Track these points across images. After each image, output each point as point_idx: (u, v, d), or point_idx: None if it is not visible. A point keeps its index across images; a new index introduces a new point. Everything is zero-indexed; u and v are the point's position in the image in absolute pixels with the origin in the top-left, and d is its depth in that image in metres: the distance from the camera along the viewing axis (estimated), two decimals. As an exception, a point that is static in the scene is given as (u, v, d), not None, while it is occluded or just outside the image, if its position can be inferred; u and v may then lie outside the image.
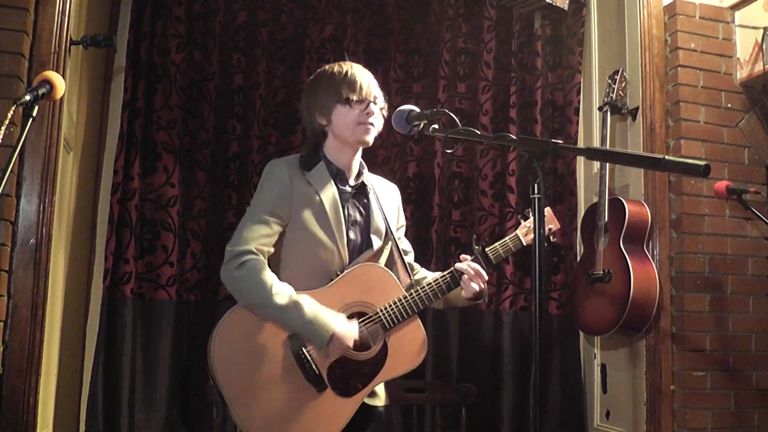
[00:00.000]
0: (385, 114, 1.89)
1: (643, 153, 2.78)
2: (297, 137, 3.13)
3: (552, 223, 2.06)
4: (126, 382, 2.77)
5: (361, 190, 1.93)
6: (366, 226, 1.90)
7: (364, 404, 1.81)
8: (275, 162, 1.89)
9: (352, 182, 1.92)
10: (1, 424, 2.05)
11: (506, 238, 1.99)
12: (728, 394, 2.73)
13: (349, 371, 1.77)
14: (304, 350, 1.75)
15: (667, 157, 1.22)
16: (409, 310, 1.82)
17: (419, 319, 1.86)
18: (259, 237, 1.78)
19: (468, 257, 1.91)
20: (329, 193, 1.85)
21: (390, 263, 1.95)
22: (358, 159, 1.94)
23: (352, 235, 1.87)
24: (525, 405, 3.04)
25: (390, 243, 1.94)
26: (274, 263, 1.85)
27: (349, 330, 1.76)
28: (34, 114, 1.51)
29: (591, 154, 1.46)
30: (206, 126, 3.05)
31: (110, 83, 3.05)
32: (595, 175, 3.10)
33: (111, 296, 2.81)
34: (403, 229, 2.09)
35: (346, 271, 1.82)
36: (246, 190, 3.06)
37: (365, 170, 1.96)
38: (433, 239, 3.14)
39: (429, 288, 1.86)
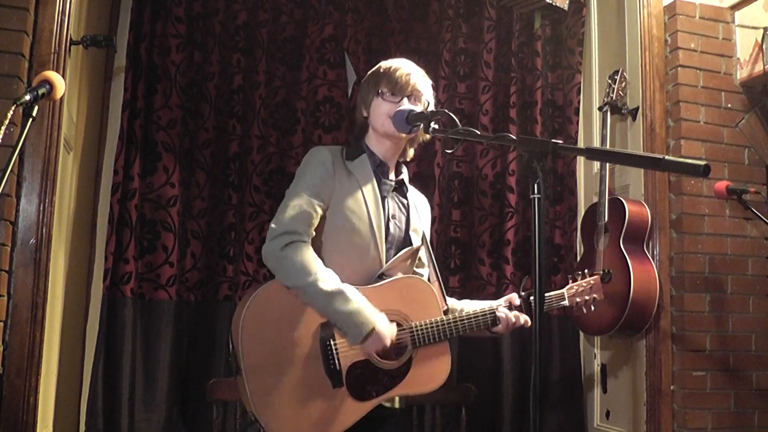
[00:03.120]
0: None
1: (643, 153, 2.77)
2: (297, 137, 3.13)
3: (597, 293, 2.06)
4: (126, 382, 2.76)
5: (400, 187, 1.94)
6: (406, 223, 1.91)
7: (379, 406, 1.80)
8: (318, 148, 1.91)
9: (392, 177, 1.93)
10: (1, 424, 2.05)
11: (552, 293, 2.02)
12: (728, 394, 2.73)
13: (369, 376, 1.77)
14: (332, 342, 1.74)
15: (667, 157, 1.22)
16: (442, 335, 1.82)
17: (449, 348, 1.85)
18: (304, 218, 1.78)
19: (515, 297, 1.93)
20: (369, 183, 1.86)
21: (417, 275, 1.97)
22: (396, 156, 1.95)
23: (392, 228, 1.88)
24: (525, 405, 3.04)
25: (421, 251, 1.95)
26: (315, 247, 1.83)
27: (388, 330, 1.76)
28: (34, 114, 1.51)
29: (591, 154, 1.46)
30: (206, 126, 3.05)
31: (110, 83, 3.05)
32: (595, 175, 3.10)
33: (111, 296, 2.81)
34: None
35: (393, 278, 1.83)
36: (246, 190, 3.06)
37: (404, 170, 1.98)
38: (433, 239, 3.14)
39: (467, 320, 1.86)
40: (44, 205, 2.18)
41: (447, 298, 1.96)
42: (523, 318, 1.91)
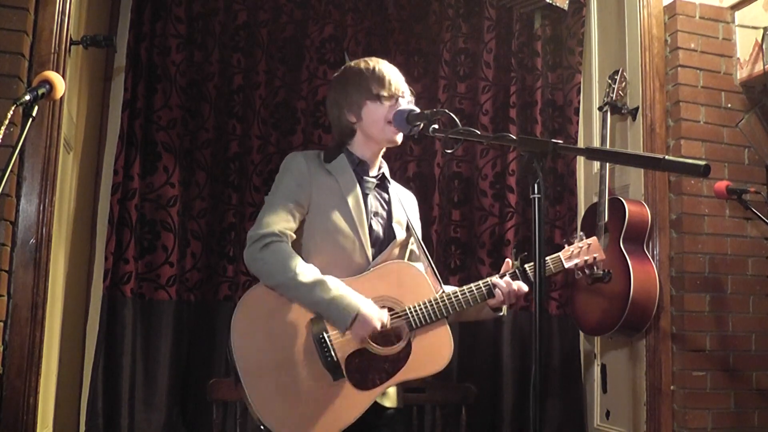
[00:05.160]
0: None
1: (643, 153, 2.77)
2: (297, 137, 3.13)
3: (597, 252, 1.96)
4: (126, 382, 2.77)
5: (381, 183, 1.93)
6: (388, 218, 1.89)
7: (375, 403, 1.78)
8: (292, 154, 1.90)
9: (373, 173, 1.92)
10: (1, 424, 2.04)
11: (548, 257, 1.90)
12: (728, 394, 2.72)
13: (369, 364, 1.75)
14: (326, 335, 1.73)
15: (667, 157, 1.22)
16: (438, 314, 1.79)
17: (448, 325, 1.82)
18: (280, 221, 1.78)
19: (510, 262, 1.88)
20: (349, 182, 1.85)
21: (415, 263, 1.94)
22: (380, 155, 1.95)
23: (375, 226, 1.86)
24: (525, 405, 3.04)
25: (413, 241, 1.93)
26: (298, 251, 1.83)
27: (376, 313, 1.73)
28: (34, 114, 1.51)
29: (591, 154, 1.46)
30: (206, 126, 3.05)
31: (110, 83, 3.05)
32: (595, 175, 3.10)
33: (111, 296, 2.81)
34: (419, 236, 2.06)
35: (379, 265, 1.81)
36: (246, 190, 3.06)
37: (385, 166, 1.97)
38: (433, 239, 3.14)
39: (462, 294, 1.82)
40: (44, 205, 2.18)
41: (444, 285, 1.95)
42: (516, 284, 1.83)
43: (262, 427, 1.72)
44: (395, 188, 1.99)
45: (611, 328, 2.70)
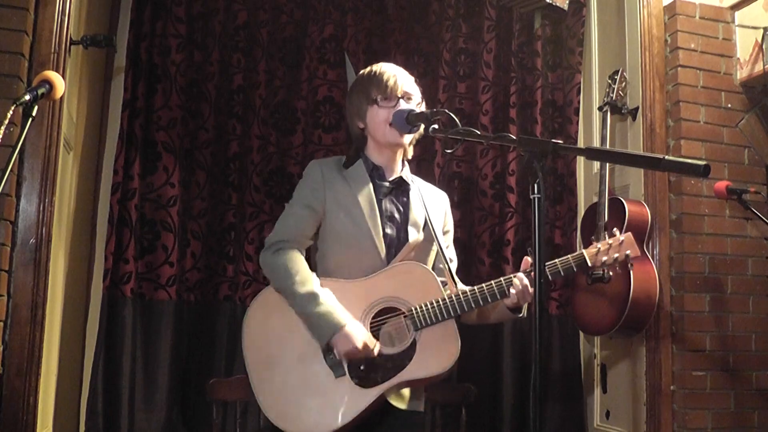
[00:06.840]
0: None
1: (643, 153, 2.77)
2: (297, 137, 3.13)
3: (631, 249, 1.90)
4: (126, 382, 2.77)
5: (399, 186, 1.94)
6: (404, 222, 1.90)
7: (394, 407, 1.80)
8: (311, 162, 1.97)
9: (391, 177, 1.93)
10: (1, 424, 2.05)
11: (570, 255, 1.87)
12: (728, 394, 2.72)
13: (372, 362, 1.77)
14: None
15: (667, 157, 1.22)
16: (445, 313, 1.78)
17: (456, 326, 1.81)
18: (294, 227, 1.88)
19: (529, 260, 1.84)
20: (363, 188, 1.88)
21: (436, 270, 1.93)
22: (399, 158, 1.95)
23: (388, 230, 1.88)
24: (525, 405, 3.04)
25: (435, 244, 1.92)
26: (318, 254, 1.92)
27: (361, 334, 1.75)
28: (34, 114, 1.51)
29: (591, 154, 1.46)
30: (206, 126, 3.05)
31: (110, 83, 3.05)
32: (595, 175, 3.10)
33: (111, 296, 2.81)
34: (450, 235, 2.05)
35: (390, 266, 1.83)
36: (246, 190, 3.06)
37: (406, 168, 1.98)
38: (433, 239, 3.14)
39: (471, 293, 1.80)
40: (44, 205, 2.18)
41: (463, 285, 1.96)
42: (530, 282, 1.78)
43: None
44: (422, 190, 1.98)
45: (611, 328, 2.70)
